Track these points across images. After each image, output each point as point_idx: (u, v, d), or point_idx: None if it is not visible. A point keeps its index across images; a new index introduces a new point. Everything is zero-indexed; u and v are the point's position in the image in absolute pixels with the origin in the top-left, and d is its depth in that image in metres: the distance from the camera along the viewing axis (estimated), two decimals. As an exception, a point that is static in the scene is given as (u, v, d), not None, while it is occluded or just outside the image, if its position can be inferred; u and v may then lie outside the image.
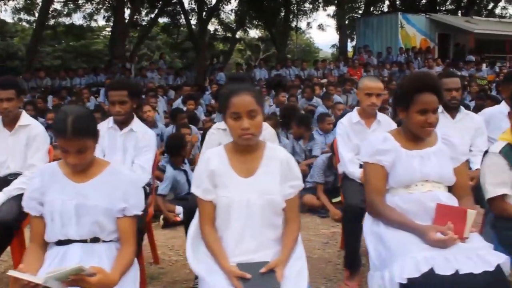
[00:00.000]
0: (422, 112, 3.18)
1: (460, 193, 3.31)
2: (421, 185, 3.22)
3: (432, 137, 3.35)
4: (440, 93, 3.23)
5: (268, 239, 2.96)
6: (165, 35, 32.55)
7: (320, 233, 5.81)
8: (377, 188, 3.27)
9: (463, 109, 5.03)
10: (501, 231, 3.45)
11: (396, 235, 3.05)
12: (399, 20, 25.43)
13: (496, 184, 3.41)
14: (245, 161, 3.03)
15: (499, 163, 3.43)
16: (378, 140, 3.34)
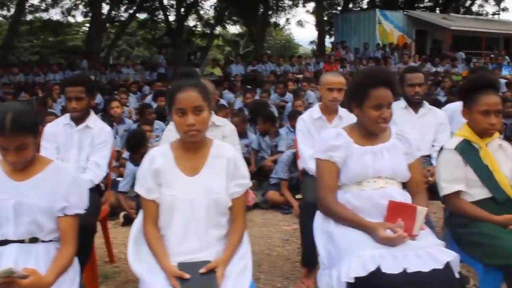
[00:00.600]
0: (377, 107, 3.10)
1: (414, 190, 3.25)
2: (373, 182, 3.15)
3: (386, 133, 3.27)
4: (394, 87, 3.15)
5: (212, 238, 2.89)
6: (143, 30, 32.17)
7: (282, 230, 5.73)
8: (328, 184, 3.19)
9: (426, 104, 4.99)
10: (455, 228, 3.40)
11: (346, 233, 2.98)
12: (377, 16, 25.47)
13: (451, 181, 3.36)
14: (190, 159, 2.94)
15: (454, 159, 3.37)
16: (331, 136, 3.26)
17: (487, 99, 3.33)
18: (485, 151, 3.37)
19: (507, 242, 3.01)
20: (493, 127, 3.33)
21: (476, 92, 3.37)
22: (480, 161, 3.35)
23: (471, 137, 3.42)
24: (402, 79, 4.95)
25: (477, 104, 3.35)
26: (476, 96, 3.36)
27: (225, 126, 4.61)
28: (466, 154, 3.36)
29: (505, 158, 3.44)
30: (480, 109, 3.33)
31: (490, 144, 3.43)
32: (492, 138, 3.43)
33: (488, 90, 3.35)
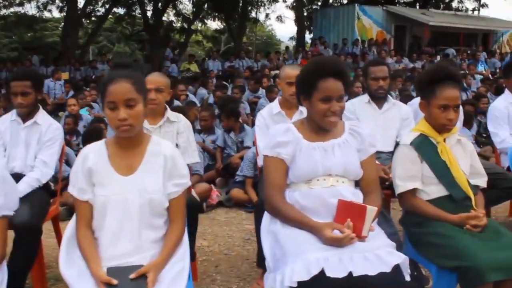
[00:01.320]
0: (325, 100, 2.91)
1: (367, 188, 3.08)
2: (323, 180, 2.97)
3: (338, 128, 3.09)
4: (346, 79, 2.97)
5: (147, 240, 2.72)
6: (121, 26, 31.77)
7: (244, 229, 5.55)
8: (275, 183, 3.01)
9: (390, 99, 4.84)
10: (409, 228, 3.25)
11: (291, 234, 2.81)
12: (355, 11, 25.34)
13: (406, 178, 3.21)
14: (126, 157, 2.77)
15: (409, 156, 3.22)
16: (278, 132, 3.07)
17: (446, 93, 3.16)
18: (443, 147, 3.22)
19: (462, 242, 2.87)
20: (451, 123, 3.17)
21: (435, 84, 3.20)
22: (437, 157, 3.20)
23: (428, 132, 3.26)
24: (365, 73, 4.81)
25: (436, 97, 3.18)
26: (435, 89, 3.18)
27: (179, 122, 4.42)
28: (422, 150, 3.21)
29: (463, 154, 3.29)
30: (439, 103, 3.16)
31: (448, 139, 3.28)
32: (450, 133, 3.27)
33: (448, 83, 3.17)
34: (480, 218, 3.03)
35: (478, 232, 3.00)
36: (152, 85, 4.28)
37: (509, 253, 2.79)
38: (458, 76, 3.26)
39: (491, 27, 28.24)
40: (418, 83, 3.37)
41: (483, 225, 3.02)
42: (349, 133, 3.09)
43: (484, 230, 3.01)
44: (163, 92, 4.29)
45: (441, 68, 3.29)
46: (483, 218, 3.04)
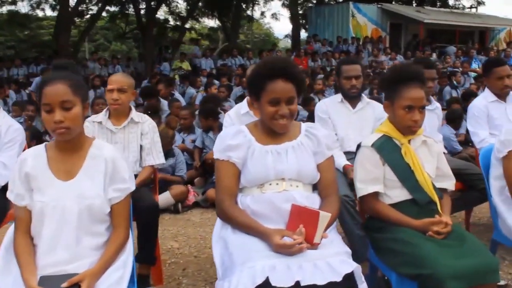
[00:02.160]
0: (273, 102, 2.77)
1: (324, 192, 2.94)
2: (276, 184, 2.83)
3: (294, 130, 2.96)
4: (296, 80, 2.81)
5: (87, 247, 2.59)
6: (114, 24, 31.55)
7: (217, 231, 5.41)
8: (226, 187, 2.87)
9: (364, 98, 4.68)
10: (371, 233, 3.10)
11: (241, 240, 2.67)
12: (350, 9, 25.18)
13: (367, 181, 3.05)
14: (66, 161, 2.65)
15: (371, 158, 3.07)
16: (229, 134, 2.92)
17: (411, 93, 3.00)
18: (407, 149, 3.06)
19: (422, 250, 2.71)
20: (416, 124, 3.01)
21: (399, 84, 3.04)
22: (400, 159, 3.04)
23: (392, 133, 3.10)
24: (338, 72, 4.66)
25: (400, 98, 3.02)
26: (399, 89, 3.03)
27: (144, 122, 4.29)
28: (384, 152, 3.05)
29: (429, 156, 3.14)
30: (403, 104, 3.00)
31: (413, 140, 3.12)
32: (415, 134, 3.12)
33: (413, 83, 3.02)
34: (444, 224, 2.88)
35: (442, 238, 2.85)
36: (114, 85, 4.16)
37: (471, 261, 2.65)
38: (422, 76, 3.10)
39: (487, 24, 28.09)
40: (381, 82, 3.22)
41: (447, 232, 2.87)
42: (305, 135, 2.95)
43: (448, 237, 2.86)
44: (126, 92, 4.18)
45: (406, 68, 3.14)
46: (448, 224, 2.89)
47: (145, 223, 3.78)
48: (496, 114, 4.91)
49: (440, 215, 2.95)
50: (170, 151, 6.49)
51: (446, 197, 3.15)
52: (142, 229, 3.80)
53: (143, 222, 3.79)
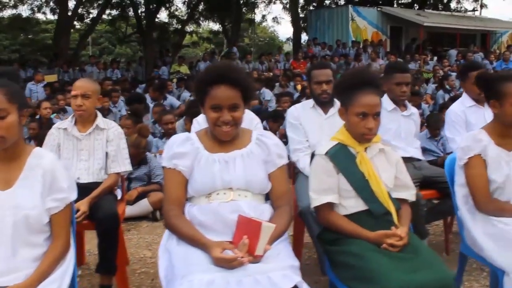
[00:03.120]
0: (215, 108, 2.71)
1: (276, 203, 2.86)
2: (223, 194, 2.74)
3: (244, 138, 2.88)
4: (243, 86, 2.73)
5: (24, 259, 2.51)
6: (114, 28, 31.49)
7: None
8: (172, 196, 2.78)
9: (337, 103, 4.56)
10: (326, 245, 2.98)
11: (184, 253, 2.58)
12: (349, 12, 25.04)
13: (321, 191, 2.94)
14: (3, 171, 2.56)
15: (324, 167, 2.95)
16: (176, 142, 2.84)
17: (365, 100, 2.88)
18: (362, 157, 2.94)
19: (372, 263, 2.60)
20: (371, 132, 2.89)
21: (353, 90, 2.93)
22: (355, 168, 2.93)
23: (347, 141, 2.99)
24: (309, 77, 4.57)
25: (354, 104, 2.91)
26: (353, 96, 2.92)
27: (109, 129, 4.21)
28: (338, 161, 2.94)
29: (387, 164, 3.03)
30: (357, 111, 2.89)
31: (370, 148, 3.01)
32: (372, 142, 3.01)
33: (367, 90, 2.90)
34: (399, 237, 2.77)
35: (396, 251, 2.74)
36: (78, 91, 4.10)
37: (423, 275, 2.54)
38: (378, 82, 2.99)
39: (489, 27, 27.89)
40: (336, 88, 3.11)
41: (402, 245, 2.76)
42: (255, 144, 2.86)
43: (403, 249, 2.75)
44: (90, 98, 4.11)
45: (360, 73, 3.03)
46: (404, 237, 2.78)
47: (104, 232, 3.71)
48: (474, 119, 4.77)
49: (397, 227, 2.84)
50: (143, 159, 6.41)
51: (405, 207, 3.04)
52: (102, 238, 3.74)
53: (102, 231, 3.72)
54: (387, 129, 4.62)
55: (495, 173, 3.16)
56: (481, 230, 3.16)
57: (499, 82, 3.18)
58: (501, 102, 3.16)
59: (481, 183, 3.17)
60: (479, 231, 3.17)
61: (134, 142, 6.16)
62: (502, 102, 3.15)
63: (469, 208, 3.28)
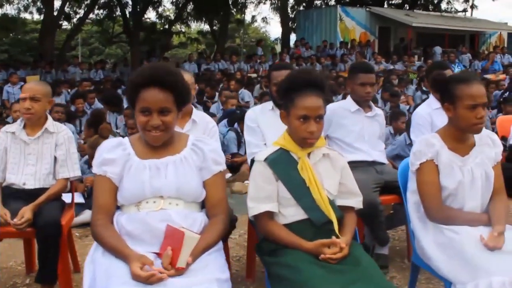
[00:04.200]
0: (143, 112, 2.57)
1: (211, 211, 2.73)
2: (153, 202, 2.61)
3: (180, 143, 2.74)
4: (176, 90, 2.60)
5: None
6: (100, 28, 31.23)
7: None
8: (101, 205, 2.65)
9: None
10: (264, 256, 2.82)
11: (106, 264, 2.44)
12: (338, 13, 24.90)
13: (259, 199, 2.78)
14: None
15: (263, 173, 2.80)
16: (106, 147, 2.71)
17: (306, 102, 2.71)
18: (303, 163, 2.79)
19: (304, 276, 2.45)
20: (313, 136, 2.73)
21: (294, 93, 2.76)
22: (296, 175, 2.76)
23: (288, 146, 2.82)
24: (268, 78, 4.43)
25: (295, 107, 2.74)
26: (295, 98, 2.75)
27: (59, 132, 4.05)
28: (278, 167, 2.78)
29: (332, 170, 2.86)
30: (298, 114, 2.73)
31: (313, 153, 2.85)
32: (315, 147, 2.85)
33: (309, 92, 2.74)
34: (338, 247, 2.61)
35: (335, 263, 2.58)
36: (27, 93, 3.95)
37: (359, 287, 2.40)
38: (321, 82, 2.83)
39: (477, 28, 27.83)
40: (277, 90, 2.94)
41: (343, 256, 2.60)
42: (190, 149, 2.71)
43: (343, 261, 2.59)
44: (39, 101, 3.96)
45: (301, 75, 2.85)
46: (344, 247, 2.62)
47: (44, 240, 3.58)
48: (441, 122, 4.57)
49: (338, 237, 2.69)
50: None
51: (350, 216, 2.88)
52: (41, 246, 3.62)
53: (42, 238, 3.59)
54: (350, 131, 4.51)
55: (447, 179, 3.01)
56: (432, 239, 3.00)
57: (452, 84, 3.03)
58: (454, 106, 3.00)
59: (432, 190, 3.02)
60: (429, 240, 3.02)
61: (93, 142, 6.00)
62: (456, 106, 2.99)
63: (420, 216, 3.12)
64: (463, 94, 2.95)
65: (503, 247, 2.77)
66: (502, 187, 3.14)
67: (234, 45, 38.98)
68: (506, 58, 20.98)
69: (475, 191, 3.03)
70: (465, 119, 2.96)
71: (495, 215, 2.97)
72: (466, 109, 2.94)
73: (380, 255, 4.31)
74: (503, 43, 27.58)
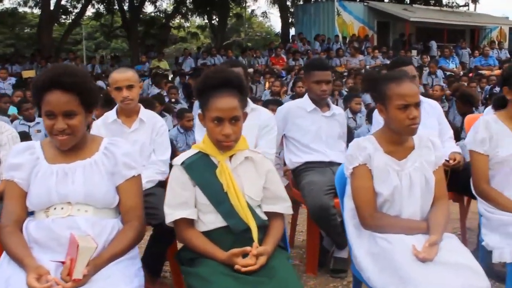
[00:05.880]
0: (48, 115, 2.47)
1: (124, 217, 2.64)
2: (61, 209, 2.51)
3: (93, 146, 2.64)
4: (79, 91, 2.48)
5: None
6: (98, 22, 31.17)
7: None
8: (9, 212, 2.56)
9: (250, 103, 4.29)
10: (182, 266, 2.70)
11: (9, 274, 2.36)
12: (335, 7, 24.66)
13: (175, 206, 2.66)
14: None
15: (179, 179, 2.68)
16: (15, 151, 2.63)
17: (219, 103, 2.59)
18: (222, 167, 2.67)
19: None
20: (228, 139, 2.61)
21: (209, 93, 2.64)
22: (214, 179, 2.65)
23: (208, 150, 2.71)
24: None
25: (209, 109, 2.62)
26: (209, 99, 2.63)
27: (3, 133, 3.95)
28: (195, 171, 2.66)
29: (254, 174, 2.74)
30: (212, 116, 2.61)
31: (235, 157, 2.73)
32: (236, 149, 2.73)
33: (224, 91, 2.62)
34: (254, 257, 2.50)
35: (251, 273, 2.46)
36: None
37: None
38: (237, 82, 2.70)
39: (477, 23, 27.52)
40: (195, 92, 2.81)
41: (260, 266, 2.49)
42: (102, 153, 2.60)
43: (259, 272, 2.47)
44: None
45: (216, 74, 2.72)
46: (260, 257, 2.51)
47: None
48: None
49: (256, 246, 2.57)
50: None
51: (276, 223, 2.76)
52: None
53: None
54: (306, 131, 4.40)
55: (382, 184, 2.85)
56: (366, 248, 2.83)
57: (382, 84, 2.87)
58: (386, 106, 2.85)
59: (366, 196, 2.87)
60: (363, 249, 2.85)
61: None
62: (387, 106, 2.84)
63: (355, 223, 2.96)
64: (393, 94, 2.79)
65: (436, 258, 2.62)
66: (444, 192, 2.99)
67: (239, 39, 38.77)
68: (503, 53, 20.72)
69: (413, 197, 2.88)
70: (397, 120, 2.80)
71: (432, 224, 2.81)
72: (397, 109, 2.78)
73: (339, 258, 4.20)
74: (504, 38, 27.25)
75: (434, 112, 4.61)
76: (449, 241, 2.78)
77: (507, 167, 3.38)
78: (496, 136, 3.40)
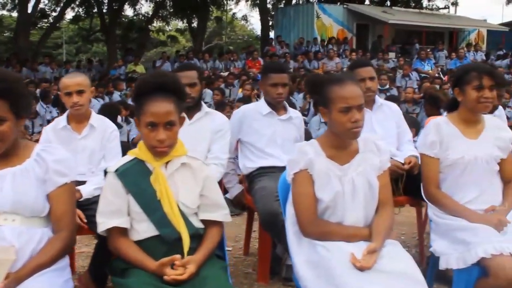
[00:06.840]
0: None
1: (54, 227, 2.56)
2: None
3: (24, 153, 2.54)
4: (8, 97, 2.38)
5: None
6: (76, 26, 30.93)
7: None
8: None
9: (204, 107, 4.22)
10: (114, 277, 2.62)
11: None
12: (315, 10, 24.65)
13: (108, 214, 2.59)
14: None
15: (113, 186, 2.61)
16: None
17: (152, 108, 2.53)
18: (156, 174, 2.60)
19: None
20: (162, 144, 2.55)
21: (143, 98, 2.58)
22: (147, 187, 2.58)
23: (143, 156, 2.64)
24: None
25: (143, 114, 2.56)
26: (143, 104, 2.57)
27: None
28: (128, 178, 2.59)
29: (191, 181, 2.67)
30: (146, 121, 2.55)
31: (171, 163, 2.67)
32: (173, 155, 2.66)
33: (157, 96, 2.55)
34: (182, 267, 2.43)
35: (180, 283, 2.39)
36: None
37: None
38: (173, 86, 2.63)
39: (456, 25, 27.64)
40: (132, 95, 2.75)
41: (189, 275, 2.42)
42: (34, 160, 2.51)
43: (188, 282, 2.41)
44: None
45: (151, 78, 2.66)
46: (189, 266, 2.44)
47: None
48: None
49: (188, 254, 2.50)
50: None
51: (213, 231, 2.69)
52: None
53: None
54: (261, 134, 4.33)
55: (323, 190, 2.78)
56: (305, 256, 2.76)
57: (325, 86, 2.80)
58: (328, 109, 2.79)
59: (306, 203, 2.79)
60: (302, 257, 2.77)
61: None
62: (330, 109, 2.77)
63: (296, 230, 2.87)
64: (336, 96, 2.72)
65: (376, 266, 2.56)
66: (389, 198, 2.92)
67: (221, 43, 38.67)
68: (479, 55, 20.84)
69: (356, 202, 2.81)
70: (339, 123, 2.73)
71: (374, 231, 2.75)
72: (339, 112, 2.71)
73: (290, 266, 4.12)
74: (482, 40, 27.43)
75: (394, 115, 4.57)
76: (392, 248, 2.72)
77: (457, 170, 3.34)
78: (447, 139, 3.36)
